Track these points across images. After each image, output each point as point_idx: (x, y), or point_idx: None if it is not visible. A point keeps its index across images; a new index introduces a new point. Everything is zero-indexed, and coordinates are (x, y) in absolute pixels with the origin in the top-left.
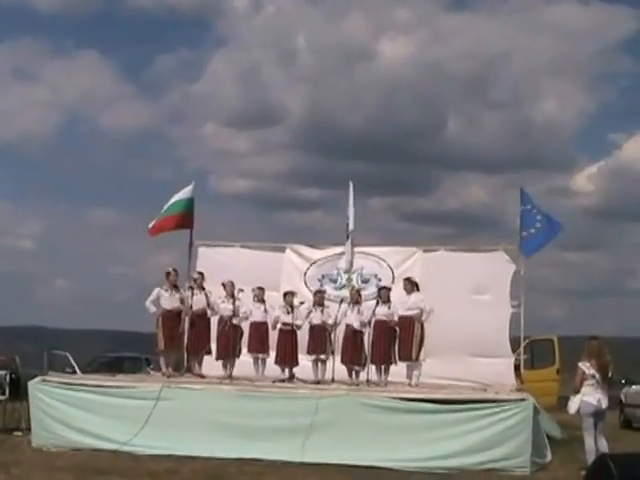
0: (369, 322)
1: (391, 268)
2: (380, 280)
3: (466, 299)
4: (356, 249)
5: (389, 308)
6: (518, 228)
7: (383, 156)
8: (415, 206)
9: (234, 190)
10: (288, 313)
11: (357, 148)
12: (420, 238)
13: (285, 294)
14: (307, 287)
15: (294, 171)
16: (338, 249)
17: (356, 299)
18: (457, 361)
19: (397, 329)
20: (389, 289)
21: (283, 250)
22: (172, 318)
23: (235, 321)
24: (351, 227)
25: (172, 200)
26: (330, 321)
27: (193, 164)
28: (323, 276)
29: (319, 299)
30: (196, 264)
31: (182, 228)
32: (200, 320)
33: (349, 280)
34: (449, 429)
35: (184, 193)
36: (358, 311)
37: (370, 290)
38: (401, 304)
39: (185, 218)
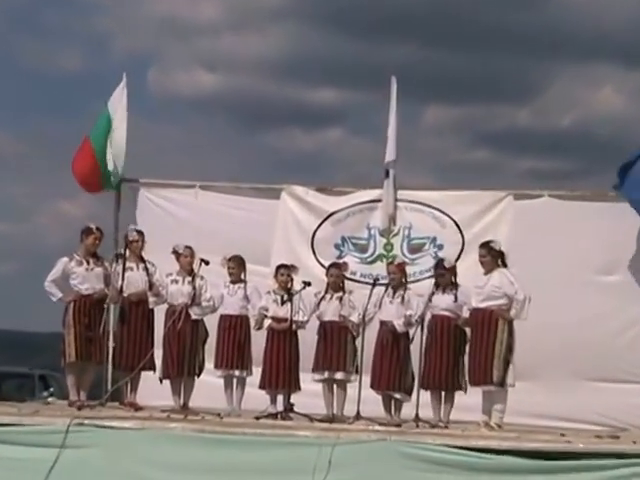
0: (420, 319)
1: (459, 228)
2: (440, 248)
3: (585, 282)
4: (401, 194)
5: (455, 297)
6: None
7: (448, 35)
8: (501, 121)
9: (193, 92)
10: (283, 302)
11: (402, 20)
12: (509, 176)
13: (278, 269)
14: (317, 258)
15: (295, 58)
16: (369, 194)
17: (399, 280)
18: (568, 387)
19: (468, 332)
20: (453, 265)
21: (276, 196)
22: (89, 308)
23: (195, 313)
24: (392, 156)
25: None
26: (354, 317)
27: (120, 45)
28: (344, 240)
29: (336, 279)
30: (135, 219)
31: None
32: (136, 312)
33: (388, 248)
34: None
35: (113, 101)
36: (402, 300)
37: (423, 265)
38: (475, 290)
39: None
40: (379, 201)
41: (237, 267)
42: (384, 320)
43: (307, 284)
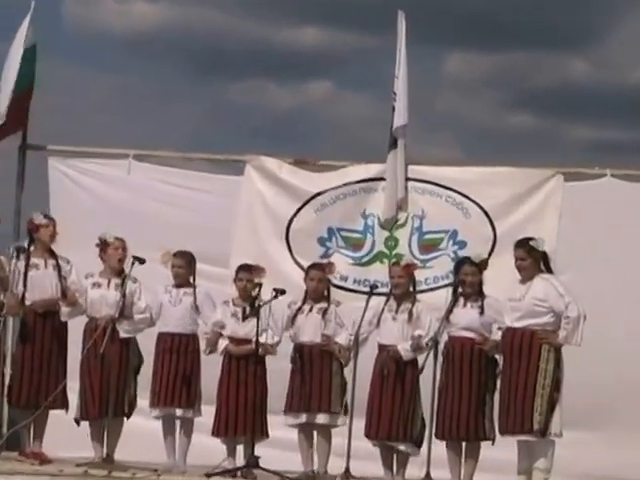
0: (434, 342)
1: (489, 218)
2: (462, 246)
3: None
4: (412, 171)
5: (481, 310)
6: None
7: None
8: (550, 75)
9: (127, 27)
10: (245, 317)
11: None
12: (559, 148)
13: (238, 271)
14: (293, 257)
15: None
16: (367, 170)
17: (406, 288)
18: (637, 440)
19: (499, 360)
20: (482, 265)
21: (238, 171)
22: None
23: (124, 330)
24: (401, 120)
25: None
26: (343, 337)
27: None
28: (331, 232)
29: (319, 285)
30: (46, 199)
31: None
32: (43, 327)
33: (391, 244)
34: None
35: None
36: (409, 316)
37: (439, 269)
38: (510, 304)
39: (21, 100)
40: (381, 180)
41: (184, 266)
42: (384, 343)
43: (279, 293)
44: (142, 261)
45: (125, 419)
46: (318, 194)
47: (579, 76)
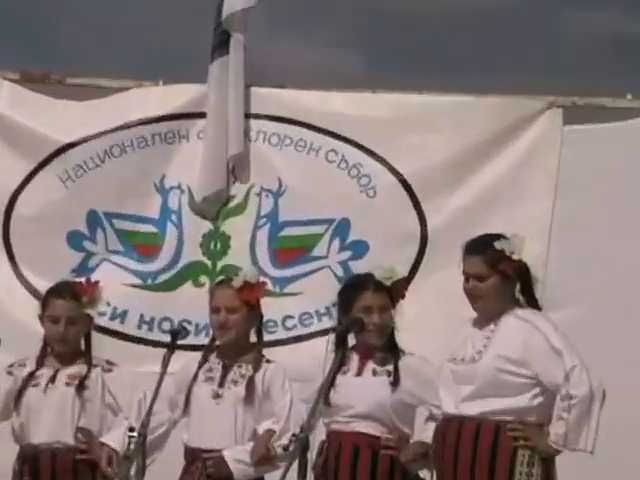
0: (298, 442)
1: (413, 194)
2: (358, 250)
3: None
4: (259, 98)
5: (393, 382)
6: None
7: None
8: None
9: None
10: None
11: None
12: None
13: None
14: (17, 268)
15: None
16: (167, 97)
17: (241, 335)
18: None
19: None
20: (396, 290)
21: None
22: None
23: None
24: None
25: None
26: (114, 436)
27: None
28: (96, 221)
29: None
30: None
31: None
32: None
33: (214, 246)
34: None
35: None
36: (247, 392)
37: (310, 298)
38: (451, 365)
39: None
40: (196, 118)
41: None
42: (196, 447)
43: None
44: None
45: None
46: (70, 146)
47: None
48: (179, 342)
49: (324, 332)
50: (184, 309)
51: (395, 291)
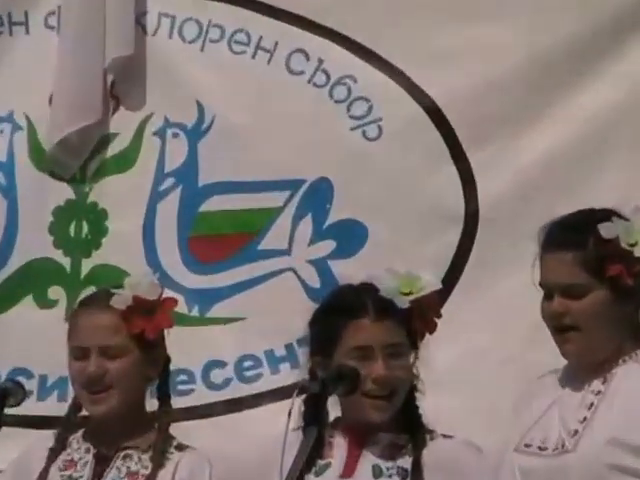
0: None
1: (457, 141)
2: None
3: None
4: None
5: None
6: None
7: None
8: None
9: None
10: None
11: None
12: None
13: None
14: None
15: None
16: None
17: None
18: None
19: None
20: (426, 313)
21: None
22: None
23: None
24: None
25: None
26: None
27: None
28: None
29: None
30: None
31: None
32: None
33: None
34: None
35: None
36: None
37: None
38: (523, 461)
39: None
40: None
41: None
42: None
43: None
44: None
45: None
46: None
47: None
48: (9, 410)
49: (283, 393)
50: (19, 349)
51: (418, 317)
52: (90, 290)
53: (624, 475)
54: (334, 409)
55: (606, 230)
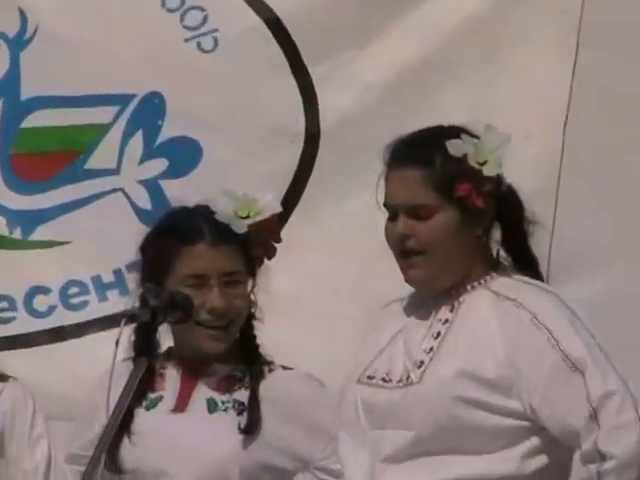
0: None
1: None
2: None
3: None
4: None
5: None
6: None
7: None
8: None
9: None
10: None
11: None
12: None
13: None
14: None
15: None
16: None
17: None
18: None
19: None
20: (263, 239)
21: None
22: None
23: None
24: None
25: None
26: None
27: None
28: None
29: None
30: None
31: None
32: None
33: None
34: None
35: None
36: None
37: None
38: (361, 390)
39: None
40: None
41: None
42: None
43: None
44: None
45: None
46: None
47: None
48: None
49: (111, 321)
50: None
51: (257, 242)
52: None
53: (469, 407)
54: (165, 339)
55: (454, 147)
